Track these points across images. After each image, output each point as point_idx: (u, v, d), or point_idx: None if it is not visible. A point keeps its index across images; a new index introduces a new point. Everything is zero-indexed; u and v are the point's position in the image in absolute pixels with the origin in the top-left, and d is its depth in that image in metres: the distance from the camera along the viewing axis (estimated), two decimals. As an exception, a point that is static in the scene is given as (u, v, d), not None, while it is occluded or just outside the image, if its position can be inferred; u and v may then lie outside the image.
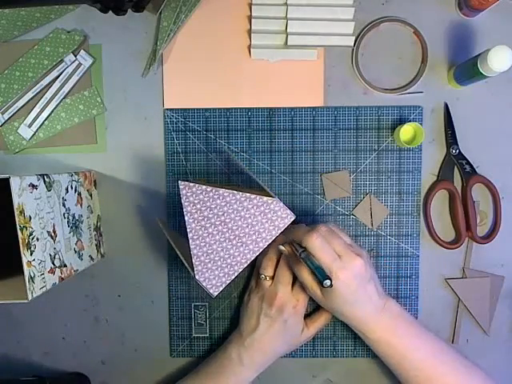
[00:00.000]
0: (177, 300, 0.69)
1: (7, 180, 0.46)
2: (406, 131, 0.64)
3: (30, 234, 0.49)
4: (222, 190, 0.52)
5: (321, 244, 0.54)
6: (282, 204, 0.52)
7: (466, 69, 0.60)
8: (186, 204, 0.53)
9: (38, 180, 0.52)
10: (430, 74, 0.66)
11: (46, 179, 0.54)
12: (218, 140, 0.67)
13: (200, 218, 0.53)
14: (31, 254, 0.49)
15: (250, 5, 0.65)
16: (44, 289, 0.51)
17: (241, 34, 0.66)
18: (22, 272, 0.48)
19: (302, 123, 0.67)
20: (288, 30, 0.64)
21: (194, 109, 0.67)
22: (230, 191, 0.52)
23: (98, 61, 0.67)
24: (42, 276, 0.51)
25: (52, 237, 0.54)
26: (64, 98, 0.67)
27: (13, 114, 0.67)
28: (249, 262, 0.53)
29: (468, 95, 0.66)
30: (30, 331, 0.70)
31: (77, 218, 0.61)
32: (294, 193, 0.67)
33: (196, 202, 0.53)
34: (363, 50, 0.66)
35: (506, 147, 0.67)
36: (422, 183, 0.67)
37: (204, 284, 0.53)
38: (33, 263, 0.49)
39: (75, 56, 0.66)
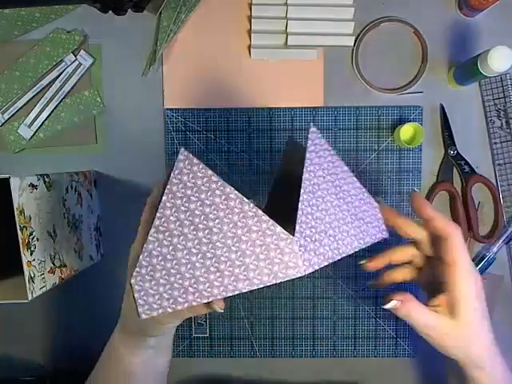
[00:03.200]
0: (177, 300, 0.69)
1: (7, 180, 0.46)
2: (405, 131, 0.64)
3: (30, 234, 0.49)
4: (229, 189, 0.37)
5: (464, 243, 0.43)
6: (297, 248, 0.36)
7: (466, 69, 0.60)
8: (175, 181, 0.37)
9: (38, 180, 0.52)
10: (429, 74, 0.66)
11: (46, 179, 0.54)
12: (218, 140, 0.67)
13: (183, 208, 0.37)
14: (31, 254, 0.49)
15: (250, 5, 0.65)
16: (44, 289, 0.51)
17: (241, 33, 0.66)
18: (22, 272, 0.48)
19: (302, 123, 0.67)
20: (288, 30, 0.64)
21: (194, 109, 0.67)
22: (240, 196, 0.37)
23: (98, 61, 0.67)
24: (42, 276, 0.51)
25: (52, 237, 0.54)
26: (64, 97, 0.67)
27: (13, 114, 0.67)
28: (209, 300, 0.37)
29: (468, 95, 0.66)
30: (30, 331, 0.70)
31: (77, 217, 0.61)
32: (294, 193, 0.67)
33: (189, 185, 0.37)
34: (363, 49, 0.66)
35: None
36: (422, 183, 0.67)
37: (136, 295, 0.38)
38: (33, 263, 0.49)
39: (75, 56, 0.66)
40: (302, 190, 0.38)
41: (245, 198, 0.37)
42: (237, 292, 0.37)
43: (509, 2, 0.64)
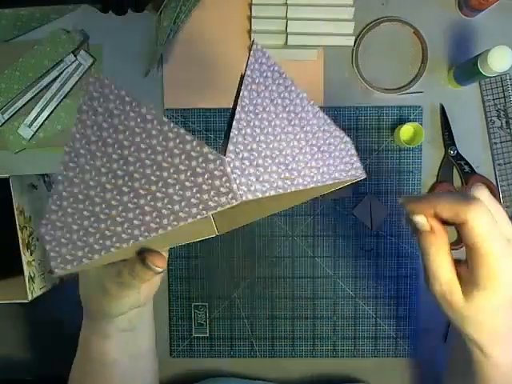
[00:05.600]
0: (177, 300, 0.69)
1: (7, 180, 0.46)
2: (406, 131, 0.65)
3: (30, 234, 0.49)
4: (145, 109, 0.31)
5: (489, 221, 0.35)
6: (229, 170, 0.29)
7: (466, 69, 0.60)
8: (84, 108, 0.32)
9: (38, 180, 0.52)
10: (429, 74, 0.66)
11: (46, 179, 0.54)
12: (218, 140, 0.67)
13: (94, 138, 0.32)
14: (31, 254, 0.49)
15: (250, 5, 0.65)
16: (44, 289, 0.51)
17: (241, 33, 0.66)
18: (22, 272, 0.48)
19: (301, 123, 0.66)
20: (288, 30, 0.64)
21: (194, 109, 0.67)
22: (158, 116, 0.31)
23: (98, 61, 0.67)
24: (42, 276, 0.51)
25: (52, 237, 0.54)
26: (64, 98, 0.67)
27: (13, 114, 0.67)
28: (131, 243, 0.30)
29: (468, 95, 0.66)
30: (30, 331, 0.70)
31: (77, 218, 0.61)
32: (294, 193, 0.67)
33: (100, 111, 0.32)
34: (363, 49, 0.66)
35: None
36: (422, 183, 0.67)
37: (48, 247, 0.32)
38: (33, 263, 0.49)
39: (75, 56, 0.66)
40: (238, 108, 0.32)
41: (165, 118, 0.31)
42: (161, 231, 0.30)
43: (509, 2, 0.64)
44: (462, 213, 0.35)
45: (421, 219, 0.37)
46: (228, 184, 0.29)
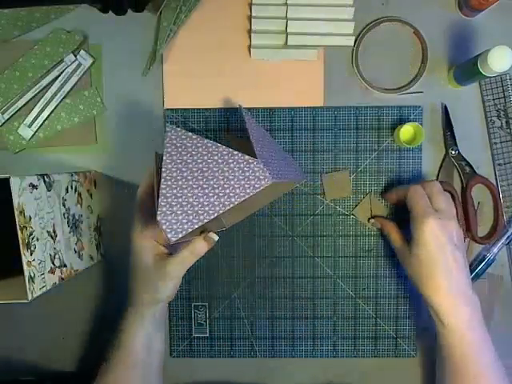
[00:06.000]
0: (177, 300, 0.69)
1: (7, 180, 0.46)
2: (406, 131, 0.65)
3: (30, 234, 0.49)
4: (206, 140, 0.52)
5: (421, 193, 0.57)
6: (262, 165, 0.51)
7: (466, 69, 0.60)
8: (168, 145, 0.52)
9: (38, 180, 0.52)
10: (430, 74, 0.66)
11: (46, 179, 0.54)
12: (218, 140, 0.67)
13: (178, 160, 0.52)
14: (31, 254, 0.49)
15: (250, 5, 0.65)
16: (44, 289, 0.51)
17: (241, 33, 0.66)
18: (22, 272, 0.48)
19: (302, 123, 0.67)
20: (288, 30, 0.64)
21: (194, 109, 0.67)
22: (214, 143, 0.52)
23: (98, 61, 0.67)
24: (42, 276, 0.51)
25: (52, 237, 0.54)
26: (64, 97, 0.67)
27: (13, 114, 0.67)
28: (216, 215, 0.51)
29: (468, 95, 0.66)
30: (30, 331, 0.70)
31: (77, 217, 0.61)
32: (294, 193, 0.67)
33: (178, 145, 0.52)
34: (363, 49, 0.66)
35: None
36: (421, 183, 0.67)
37: (164, 227, 0.51)
38: (33, 263, 0.49)
39: (75, 56, 0.66)
40: (253, 141, 0.53)
41: (218, 144, 0.52)
42: (231, 205, 0.51)
43: (509, 2, 0.64)
44: (405, 192, 0.59)
45: (373, 221, 0.66)
46: (264, 173, 0.51)
